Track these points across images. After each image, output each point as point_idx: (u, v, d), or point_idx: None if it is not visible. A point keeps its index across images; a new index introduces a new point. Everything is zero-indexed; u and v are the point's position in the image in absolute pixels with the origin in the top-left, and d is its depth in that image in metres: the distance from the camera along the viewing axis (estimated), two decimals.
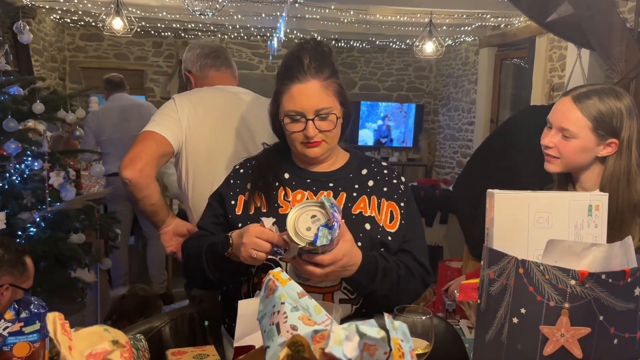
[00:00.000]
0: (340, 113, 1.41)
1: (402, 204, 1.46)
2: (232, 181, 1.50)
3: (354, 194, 1.44)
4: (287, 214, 1.20)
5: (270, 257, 1.23)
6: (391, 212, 1.44)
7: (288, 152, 1.50)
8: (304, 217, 1.16)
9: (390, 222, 1.43)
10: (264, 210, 1.41)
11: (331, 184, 1.45)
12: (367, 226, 1.40)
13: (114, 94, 4.56)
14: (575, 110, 1.45)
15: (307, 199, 1.41)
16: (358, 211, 1.42)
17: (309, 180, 1.45)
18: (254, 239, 1.22)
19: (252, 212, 1.42)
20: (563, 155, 1.48)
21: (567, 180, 1.57)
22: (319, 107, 1.37)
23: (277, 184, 1.44)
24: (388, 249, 1.40)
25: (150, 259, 4.55)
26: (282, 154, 1.50)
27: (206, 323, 1.45)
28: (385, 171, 1.52)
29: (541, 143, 1.53)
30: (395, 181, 1.50)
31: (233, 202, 1.46)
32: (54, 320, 0.72)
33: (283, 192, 1.43)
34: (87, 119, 4.41)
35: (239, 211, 1.44)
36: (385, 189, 1.47)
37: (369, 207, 1.43)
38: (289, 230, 1.16)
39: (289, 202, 1.41)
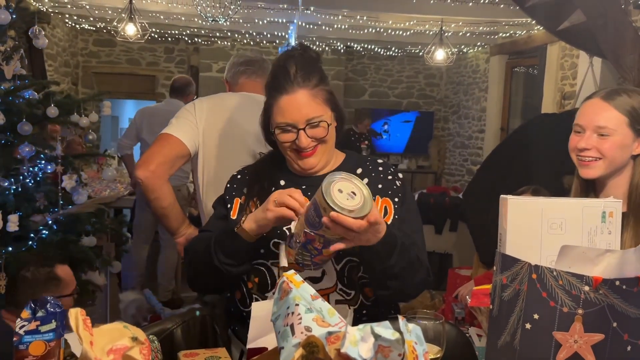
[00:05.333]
0: (331, 119, 1.40)
1: (396, 199, 1.45)
2: (229, 185, 1.52)
3: None
4: None
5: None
6: (385, 208, 1.43)
7: (284, 159, 1.49)
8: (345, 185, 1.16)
9: (383, 218, 1.42)
10: None
11: None
12: None
13: (172, 97, 4.57)
14: (609, 107, 1.42)
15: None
16: None
17: (304, 186, 1.43)
18: (278, 193, 1.25)
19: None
20: (605, 154, 1.44)
21: (587, 190, 1.53)
22: (310, 116, 1.35)
23: (273, 189, 1.42)
24: None
25: (161, 266, 4.58)
26: (278, 161, 1.50)
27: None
28: (381, 168, 1.51)
29: (575, 147, 1.48)
30: (390, 177, 1.49)
31: (229, 206, 1.47)
32: (77, 316, 0.74)
33: None
34: (136, 113, 4.52)
35: (234, 215, 1.44)
36: (380, 186, 1.46)
37: None
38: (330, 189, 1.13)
39: None
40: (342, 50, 7.75)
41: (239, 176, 1.54)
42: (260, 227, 1.29)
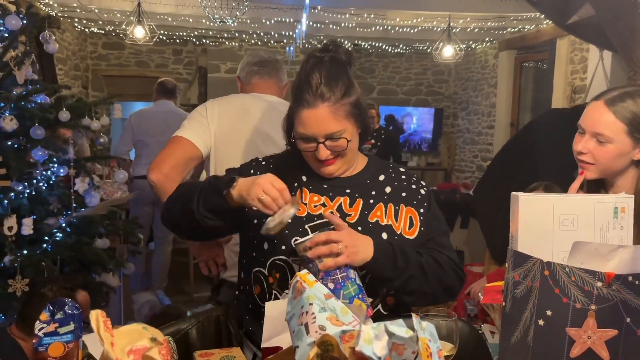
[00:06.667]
0: (352, 135, 1.39)
1: (421, 210, 1.45)
2: (252, 171, 1.50)
3: (371, 201, 1.43)
4: (300, 216, 1.33)
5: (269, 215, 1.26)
6: (410, 218, 1.43)
7: None
8: None
9: (409, 229, 1.42)
10: None
11: (348, 190, 1.44)
12: (384, 235, 1.39)
13: (161, 99, 4.57)
14: (609, 114, 1.42)
15: (324, 204, 1.41)
16: (375, 219, 1.41)
17: (325, 186, 1.44)
18: (268, 183, 1.27)
19: None
20: (598, 161, 1.45)
21: (598, 187, 1.53)
22: (330, 131, 1.35)
23: (295, 184, 1.44)
24: None
25: (154, 264, 4.64)
26: (302, 157, 1.50)
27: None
28: (404, 177, 1.51)
29: (574, 149, 1.49)
30: (414, 186, 1.49)
31: None
32: (97, 318, 0.75)
33: (300, 193, 1.44)
34: (130, 116, 4.50)
35: None
36: (403, 195, 1.46)
37: (386, 215, 1.41)
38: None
39: (306, 204, 1.41)
40: (349, 49, 7.74)
41: (263, 162, 1.53)
42: (242, 201, 1.31)
